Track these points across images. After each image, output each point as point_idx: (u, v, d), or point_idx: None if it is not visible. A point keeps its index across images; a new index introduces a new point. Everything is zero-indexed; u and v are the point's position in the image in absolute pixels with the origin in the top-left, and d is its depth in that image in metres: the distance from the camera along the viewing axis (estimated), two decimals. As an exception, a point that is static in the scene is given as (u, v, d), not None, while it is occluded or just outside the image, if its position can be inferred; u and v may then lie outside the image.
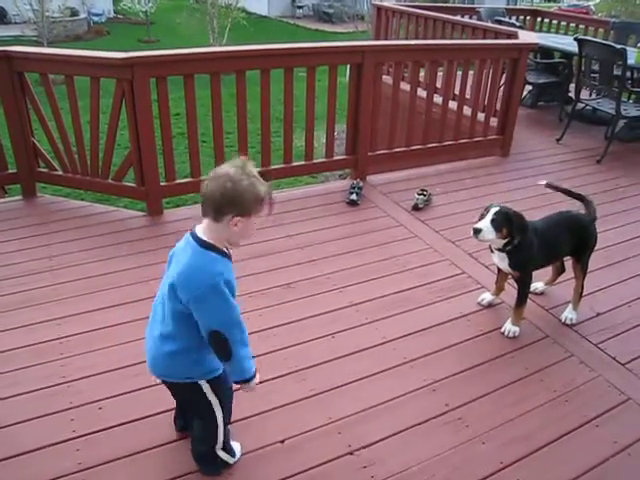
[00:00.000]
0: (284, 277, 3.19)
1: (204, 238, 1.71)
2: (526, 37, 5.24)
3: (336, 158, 4.39)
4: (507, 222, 2.67)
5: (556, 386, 2.57)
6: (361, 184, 4.17)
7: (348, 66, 4.29)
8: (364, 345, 2.72)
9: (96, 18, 24.92)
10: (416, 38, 6.58)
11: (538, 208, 4.08)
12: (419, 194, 4.03)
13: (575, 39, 5.56)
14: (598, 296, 3.24)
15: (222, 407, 1.93)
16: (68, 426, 2.20)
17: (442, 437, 2.26)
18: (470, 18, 7.52)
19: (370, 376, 2.53)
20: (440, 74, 4.86)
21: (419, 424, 2.31)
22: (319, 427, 2.26)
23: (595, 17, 18.49)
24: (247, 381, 1.83)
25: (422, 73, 5.10)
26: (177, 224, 3.72)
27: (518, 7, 19.30)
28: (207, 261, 1.69)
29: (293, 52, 3.99)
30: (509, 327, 2.87)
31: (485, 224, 2.64)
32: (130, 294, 2.99)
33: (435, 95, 4.71)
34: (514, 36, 5.25)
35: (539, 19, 8.90)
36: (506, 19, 7.28)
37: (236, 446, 2.12)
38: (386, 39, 7.17)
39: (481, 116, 5.03)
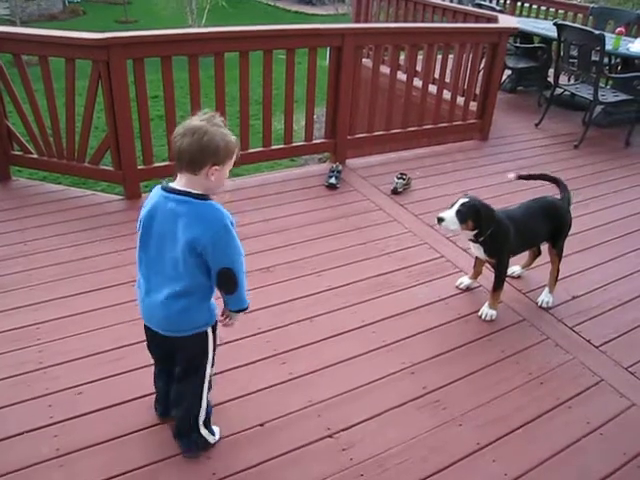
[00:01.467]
0: (263, 261, 3.19)
1: (194, 192, 1.77)
2: (506, 21, 5.22)
3: (315, 141, 4.37)
4: (474, 215, 2.67)
5: (532, 368, 2.61)
6: (340, 168, 4.16)
7: (328, 49, 4.25)
8: (343, 329, 2.73)
9: (71, -3, 24.44)
10: (396, 21, 6.54)
11: (515, 192, 4.13)
12: (398, 178, 4.04)
13: (554, 24, 5.58)
14: (574, 280, 3.29)
15: (212, 363, 2.03)
16: (45, 412, 2.18)
17: (420, 419, 2.29)
18: (451, 1, 7.48)
19: (349, 359, 2.55)
20: (420, 57, 4.84)
21: (397, 407, 2.33)
22: (299, 410, 2.27)
23: (574, 2, 18.52)
24: (243, 310, 1.97)
25: (402, 57, 5.08)
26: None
27: (499, -9, 19.24)
28: (213, 209, 1.80)
29: (272, 34, 3.94)
30: (486, 311, 2.90)
31: (449, 214, 2.67)
32: (107, 279, 2.96)
33: (415, 79, 4.69)
34: (494, 20, 5.23)
35: (519, 3, 8.88)
36: (486, 3, 7.27)
37: (216, 429, 2.14)
38: (366, 22, 7.12)
39: (460, 100, 5.03)
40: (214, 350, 2.01)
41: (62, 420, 2.16)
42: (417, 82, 4.73)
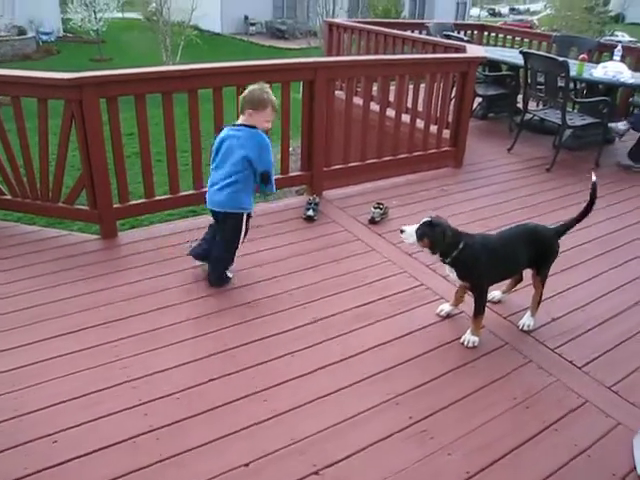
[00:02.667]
0: (244, 296, 3.16)
1: (248, 124, 3.05)
2: (474, 51, 5.35)
3: (292, 174, 4.38)
4: (430, 233, 2.75)
5: (517, 393, 2.60)
6: (317, 200, 4.17)
7: (302, 82, 4.30)
8: (326, 362, 2.70)
9: (45, 37, 24.50)
10: (368, 54, 6.66)
11: (489, 218, 4.22)
12: (375, 207, 4.06)
13: (520, 52, 5.74)
14: (554, 301, 3.32)
15: (244, 237, 3.22)
16: (21, 463, 2.11)
17: (408, 451, 2.25)
18: (420, 33, 7.67)
19: (332, 393, 2.51)
20: (393, 88, 4.93)
21: (384, 439, 2.30)
22: (283, 448, 2.22)
23: (538, 31, 19.09)
24: (272, 192, 3.28)
25: (375, 87, 5.17)
26: (132, 246, 3.64)
27: (466, 22, 19.83)
28: (260, 134, 3.06)
29: (245, 70, 3.97)
30: (468, 337, 2.89)
31: (410, 228, 2.81)
32: (80, 321, 2.89)
33: (388, 109, 4.76)
34: (462, 50, 5.36)
35: (486, 33, 9.15)
36: (454, 34, 7.46)
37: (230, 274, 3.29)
38: (338, 55, 7.25)
39: (434, 129, 5.12)
40: (246, 232, 3.22)
41: (38, 471, 2.08)
42: (390, 112, 4.80)
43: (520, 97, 6.16)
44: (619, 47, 6.61)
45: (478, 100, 6.89)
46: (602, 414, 2.53)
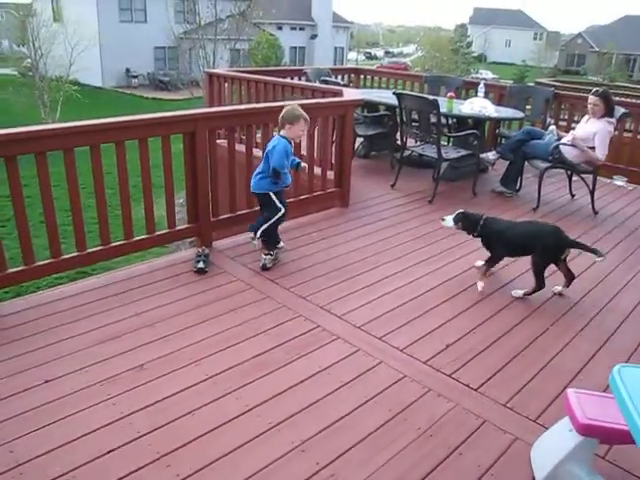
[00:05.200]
0: (135, 359, 3.01)
1: (284, 135, 4.00)
2: (351, 94, 5.57)
3: (179, 228, 4.29)
4: (463, 220, 4.01)
5: (420, 423, 2.65)
6: (207, 251, 4.10)
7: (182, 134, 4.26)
8: (227, 417, 2.62)
9: None
10: (249, 102, 6.75)
11: (381, 253, 4.36)
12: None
13: (394, 93, 6.05)
14: (445, 328, 3.45)
15: (281, 204, 4.11)
16: None
17: (316, 499, 2.21)
18: (299, 79, 7.90)
19: (237, 448, 2.43)
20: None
21: (292, 490, 2.25)
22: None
23: (411, 72, 20.26)
24: (287, 186, 4.18)
25: (259, 134, 5.22)
26: (16, 317, 3.37)
27: (342, 67, 20.71)
28: (280, 140, 3.96)
29: (123, 126, 3.87)
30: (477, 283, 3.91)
31: (449, 218, 4.07)
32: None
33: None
34: (340, 94, 5.56)
35: (362, 76, 9.60)
36: (332, 78, 7.74)
37: (281, 243, 4.31)
38: (220, 105, 7.28)
39: (318, 171, 5.23)
40: (280, 202, 4.10)
41: None
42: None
43: (399, 135, 6.47)
44: (482, 84, 7.17)
45: (360, 140, 7.17)
46: (500, 431, 2.63)
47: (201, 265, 3.94)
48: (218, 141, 4.48)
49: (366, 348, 3.18)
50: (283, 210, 4.10)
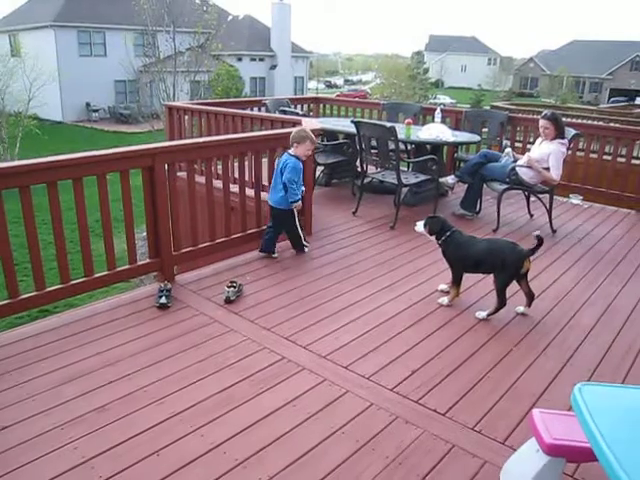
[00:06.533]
0: (97, 400, 2.92)
1: (292, 153, 4.64)
2: (310, 124, 5.62)
3: (140, 263, 4.22)
4: (431, 224, 4.14)
5: (388, 452, 2.62)
6: (169, 286, 4.04)
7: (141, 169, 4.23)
8: (192, 456, 2.55)
9: None
10: (209, 134, 6.75)
11: (342, 281, 4.37)
12: (229, 287, 4.01)
13: (352, 121, 6.13)
14: (410, 353, 3.45)
15: (299, 222, 4.83)
16: None
17: (284, 537, 2.17)
18: (259, 110, 7.95)
19: (205, 488, 2.38)
20: (237, 164, 5.02)
21: (259, 530, 2.19)
22: None
23: (370, 100, 20.59)
24: (296, 201, 4.69)
25: (220, 165, 5.21)
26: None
27: (302, 96, 20.97)
28: (292, 159, 4.63)
29: (79, 162, 3.82)
30: (442, 300, 4.09)
31: (420, 223, 4.20)
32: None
33: (232, 185, 4.81)
34: (299, 124, 5.61)
35: (322, 105, 9.71)
36: (291, 108, 7.82)
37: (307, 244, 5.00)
38: (180, 138, 7.26)
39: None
40: (298, 217, 4.86)
41: None
42: (235, 188, 4.85)
43: (359, 162, 6.54)
44: (438, 110, 7.34)
45: (321, 168, 7.22)
46: (469, 455, 2.63)
47: (163, 300, 3.88)
48: (179, 173, 4.47)
49: (332, 378, 3.16)
50: (299, 225, 4.88)
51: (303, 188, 4.81)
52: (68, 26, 31.69)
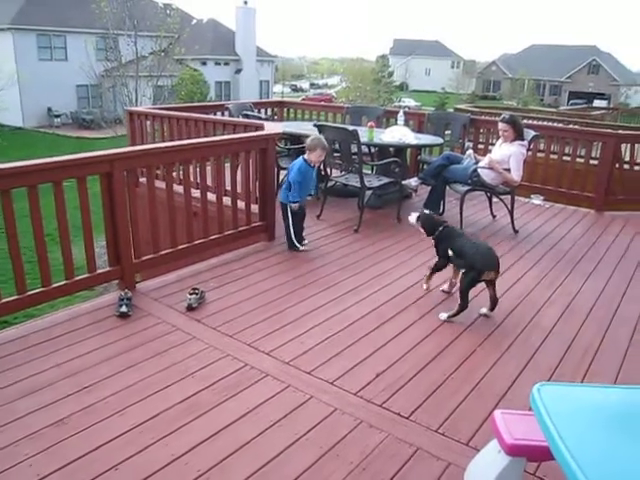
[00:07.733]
0: (54, 414, 2.84)
1: (306, 157, 5.04)
2: (271, 128, 5.60)
3: (100, 271, 4.12)
4: (425, 220, 4.24)
5: (352, 457, 2.61)
6: (130, 294, 3.96)
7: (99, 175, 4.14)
8: (154, 468, 2.50)
9: None
10: (172, 139, 6.66)
11: (308, 285, 4.35)
12: (191, 293, 3.95)
13: (315, 125, 6.13)
14: (375, 357, 3.45)
15: (292, 219, 5.07)
16: None
17: None
18: (222, 114, 7.88)
19: (163, 504, 2.33)
20: (199, 169, 4.95)
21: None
22: None
23: (334, 104, 20.66)
24: (293, 202, 5.02)
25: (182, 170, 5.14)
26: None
27: (265, 100, 20.87)
28: (303, 162, 5.04)
29: (34, 169, 3.72)
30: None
31: (413, 216, 4.29)
32: None
33: (193, 190, 4.74)
34: (261, 128, 5.59)
35: (286, 109, 9.69)
36: (254, 112, 7.78)
37: (303, 243, 5.18)
38: (142, 143, 7.14)
39: (242, 205, 5.19)
40: (292, 217, 5.06)
41: None
42: (196, 193, 4.78)
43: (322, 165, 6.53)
44: (401, 113, 7.39)
45: (284, 172, 7.17)
46: (434, 458, 2.63)
47: (124, 309, 3.80)
48: (141, 179, 4.39)
49: (296, 384, 3.13)
50: (291, 222, 5.09)
51: (308, 198, 5.18)
52: (27, 29, 31.01)
